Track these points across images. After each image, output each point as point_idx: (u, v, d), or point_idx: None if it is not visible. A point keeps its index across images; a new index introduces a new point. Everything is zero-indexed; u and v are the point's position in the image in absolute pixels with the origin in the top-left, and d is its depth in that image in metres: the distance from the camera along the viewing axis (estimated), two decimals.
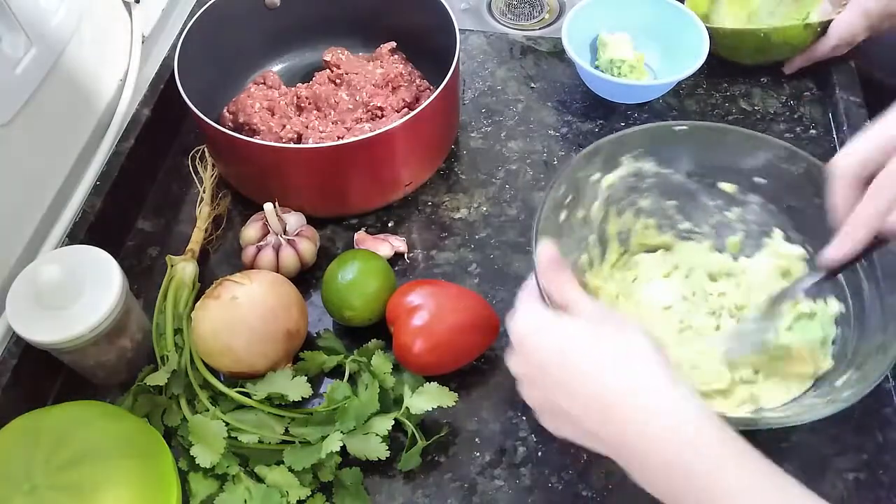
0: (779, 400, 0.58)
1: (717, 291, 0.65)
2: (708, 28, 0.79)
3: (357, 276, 0.64)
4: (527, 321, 0.48)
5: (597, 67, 0.82)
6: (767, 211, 0.63)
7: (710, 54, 0.78)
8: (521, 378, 0.48)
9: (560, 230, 0.59)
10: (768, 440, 0.43)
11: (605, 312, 0.46)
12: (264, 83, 0.79)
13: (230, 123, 0.77)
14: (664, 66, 0.84)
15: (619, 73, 0.80)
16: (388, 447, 0.57)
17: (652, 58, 0.84)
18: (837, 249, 0.48)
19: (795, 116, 0.82)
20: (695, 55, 0.77)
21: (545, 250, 0.50)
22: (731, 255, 0.66)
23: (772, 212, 0.63)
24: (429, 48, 0.77)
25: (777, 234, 0.63)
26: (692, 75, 0.77)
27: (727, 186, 0.63)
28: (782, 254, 0.63)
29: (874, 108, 0.79)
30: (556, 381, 0.45)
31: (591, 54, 0.85)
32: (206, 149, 0.75)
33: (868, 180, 0.45)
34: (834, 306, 0.60)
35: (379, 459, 0.57)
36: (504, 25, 0.93)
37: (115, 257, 0.59)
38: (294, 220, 0.70)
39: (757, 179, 0.62)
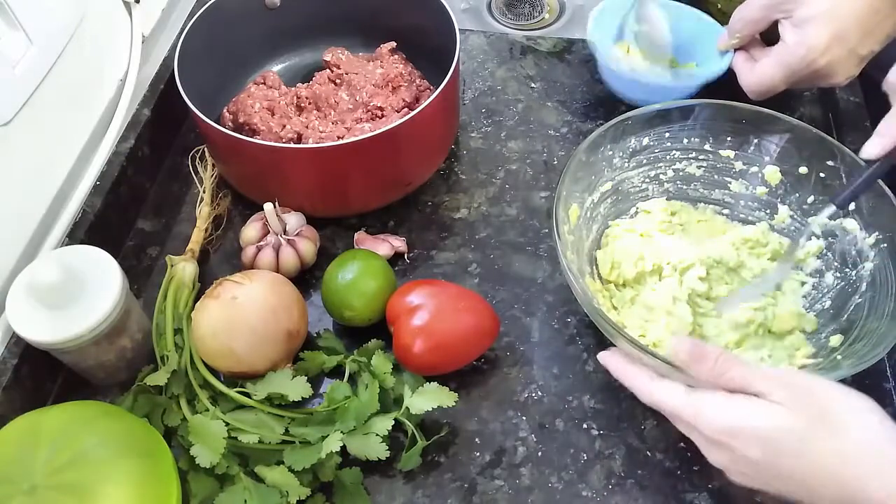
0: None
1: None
2: None
3: (357, 276, 0.64)
4: (726, 416, 0.47)
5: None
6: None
7: None
8: (727, 469, 0.48)
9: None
10: None
11: (800, 391, 0.46)
12: (264, 83, 0.79)
13: (230, 123, 0.77)
14: (683, 69, 0.82)
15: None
16: (388, 447, 0.57)
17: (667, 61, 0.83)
18: (874, 146, 0.50)
19: (795, 116, 0.81)
20: (718, 56, 0.76)
21: (682, 345, 0.49)
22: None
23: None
24: (429, 48, 0.77)
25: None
26: None
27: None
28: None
29: (874, 108, 0.79)
30: (778, 477, 0.45)
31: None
32: (206, 149, 0.75)
33: None
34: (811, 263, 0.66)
35: (379, 459, 0.57)
36: (504, 25, 0.93)
37: (115, 257, 0.59)
38: (294, 220, 0.70)
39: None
